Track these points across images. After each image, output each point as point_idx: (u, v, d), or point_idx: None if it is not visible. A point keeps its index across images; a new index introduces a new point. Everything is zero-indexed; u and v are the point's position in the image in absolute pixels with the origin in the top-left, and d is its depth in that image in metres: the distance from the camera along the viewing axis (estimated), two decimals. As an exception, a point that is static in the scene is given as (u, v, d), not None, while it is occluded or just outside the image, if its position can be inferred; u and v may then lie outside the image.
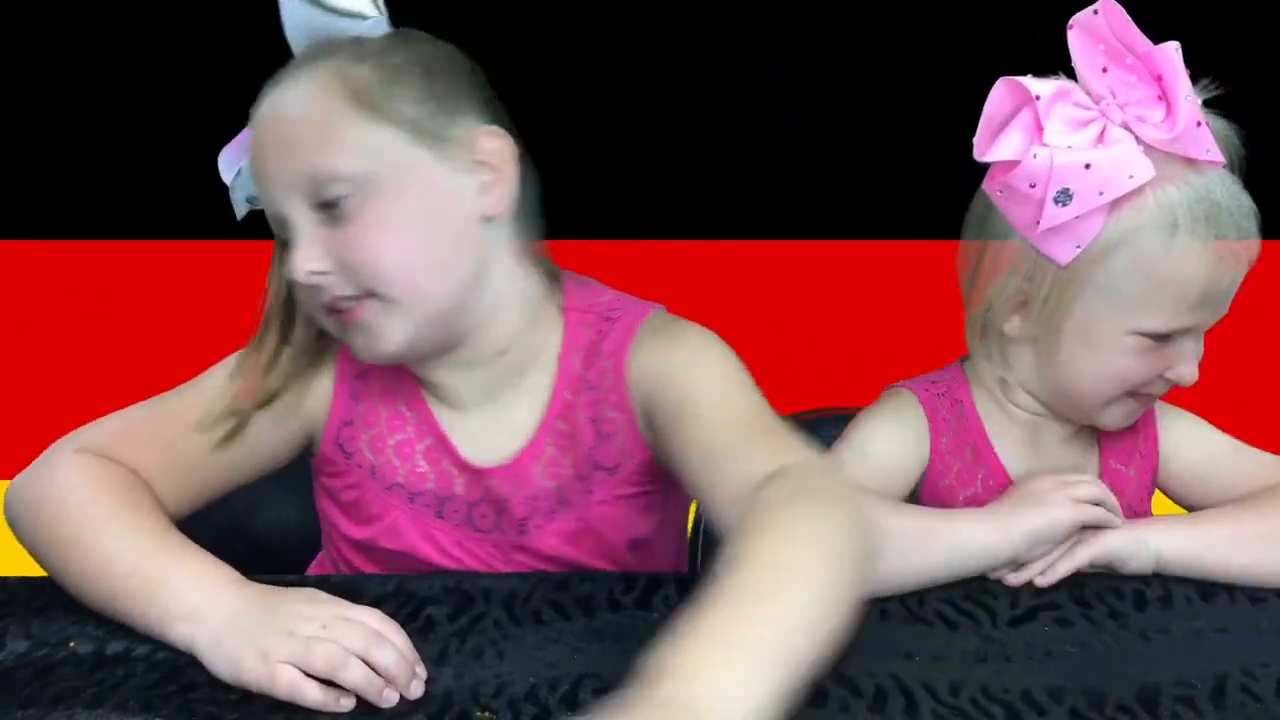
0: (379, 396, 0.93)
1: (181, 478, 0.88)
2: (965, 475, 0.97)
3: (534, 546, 0.92)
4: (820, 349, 1.79)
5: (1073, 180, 0.83)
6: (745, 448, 0.80)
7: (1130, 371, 0.90)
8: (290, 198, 0.84)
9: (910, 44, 1.75)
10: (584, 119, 1.84)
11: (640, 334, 0.90)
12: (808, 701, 0.72)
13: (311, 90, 0.84)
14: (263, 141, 0.85)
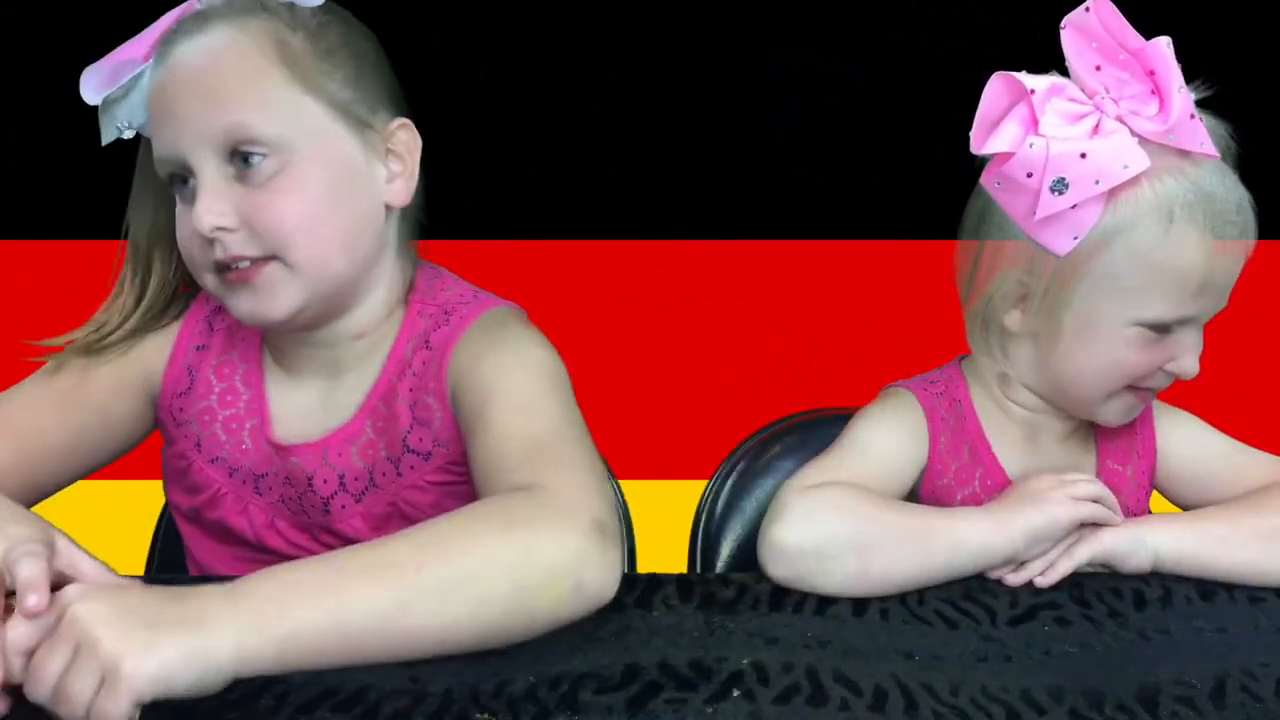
0: (215, 371, 0.95)
1: (24, 450, 0.88)
2: (963, 475, 0.97)
3: (339, 528, 0.93)
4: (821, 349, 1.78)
5: (1069, 169, 0.83)
6: (516, 464, 0.79)
7: (1131, 363, 0.90)
8: (201, 148, 0.83)
9: (910, 44, 1.75)
10: (584, 119, 1.84)
11: (470, 330, 0.91)
12: (808, 700, 0.72)
13: (243, 44, 0.84)
14: (179, 82, 0.84)
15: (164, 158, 0.85)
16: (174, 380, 0.95)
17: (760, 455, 1.19)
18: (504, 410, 0.83)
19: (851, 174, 0.91)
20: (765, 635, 0.79)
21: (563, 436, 0.82)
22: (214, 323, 0.96)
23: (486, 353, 0.88)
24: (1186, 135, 0.85)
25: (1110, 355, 0.90)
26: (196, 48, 0.84)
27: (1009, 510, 0.88)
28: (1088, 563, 0.88)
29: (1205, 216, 0.86)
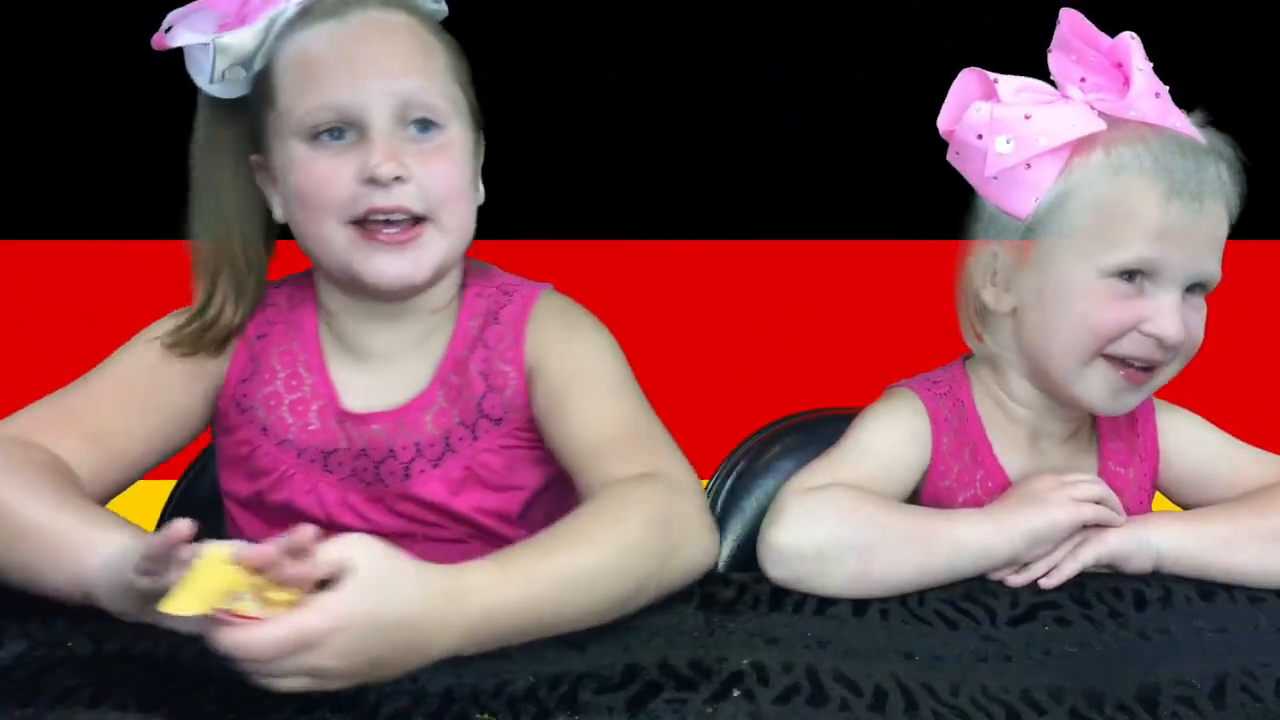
0: (279, 357, 0.98)
1: (103, 449, 0.90)
2: (965, 477, 0.97)
3: (418, 493, 0.96)
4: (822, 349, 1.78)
5: (1013, 129, 0.88)
6: (616, 450, 0.89)
7: (1102, 319, 0.90)
8: (382, 103, 0.89)
9: (912, 43, 1.75)
10: (590, 119, 1.84)
11: (539, 309, 0.98)
12: (808, 700, 0.72)
13: (418, 27, 0.93)
14: (365, 39, 0.90)
15: (331, 105, 0.89)
16: (240, 368, 0.97)
17: (760, 455, 1.19)
18: (598, 390, 0.93)
19: (854, 174, 0.91)
20: (765, 635, 0.79)
21: (648, 414, 0.93)
22: (270, 315, 0.99)
23: (569, 334, 0.97)
24: (1149, 110, 0.89)
25: (1079, 313, 0.91)
26: (379, 16, 0.91)
27: (1009, 512, 0.88)
28: (1093, 564, 0.88)
29: (1155, 169, 0.88)
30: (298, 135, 0.90)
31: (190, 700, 0.71)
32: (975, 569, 0.87)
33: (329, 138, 0.89)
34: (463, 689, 0.73)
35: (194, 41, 0.90)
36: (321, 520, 0.95)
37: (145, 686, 0.73)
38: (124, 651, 0.77)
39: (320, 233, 0.91)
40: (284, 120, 0.90)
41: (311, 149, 0.90)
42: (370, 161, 0.87)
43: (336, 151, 0.89)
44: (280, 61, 0.91)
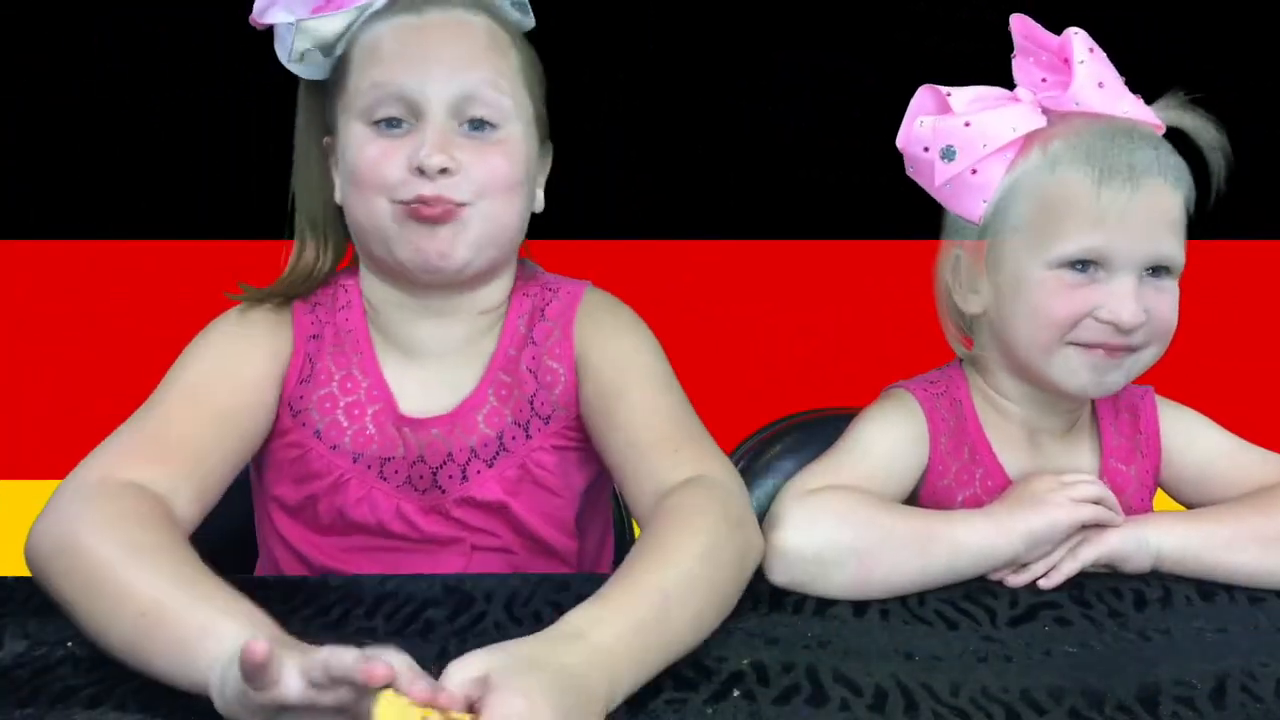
0: (333, 358, 0.97)
1: (197, 473, 0.87)
2: (963, 476, 0.97)
3: (475, 495, 0.95)
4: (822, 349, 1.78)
5: (954, 137, 0.92)
6: (667, 449, 0.89)
7: (1055, 309, 0.91)
8: (442, 96, 0.90)
9: (918, 44, 1.75)
10: (592, 119, 1.84)
11: (585, 305, 0.99)
12: (808, 700, 0.72)
13: (494, 28, 0.94)
14: (436, 32, 0.91)
15: (395, 95, 0.90)
16: (298, 368, 0.96)
17: (760, 455, 1.19)
18: (647, 387, 0.94)
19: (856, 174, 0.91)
20: (765, 635, 0.79)
21: (692, 412, 0.94)
22: (320, 315, 0.98)
23: (617, 331, 0.98)
24: (1093, 100, 0.91)
25: (1036, 304, 0.92)
26: (457, 14, 0.93)
27: (1008, 513, 0.88)
28: (1092, 564, 0.88)
29: (1087, 156, 0.90)
30: (359, 117, 0.91)
31: (190, 700, 0.71)
32: (975, 570, 0.88)
33: (387, 125, 0.91)
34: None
35: (281, 20, 0.92)
36: (372, 527, 0.95)
37: (145, 686, 0.72)
38: (124, 651, 0.77)
39: (369, 208, 0.91)
40: (349, 101, 0.92)
41: (371, 131, 0.91)
42: (421, 151, 0.88)
43: (393, 137, 0.90)
44: (356, 48, 0.93)
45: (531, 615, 0.82)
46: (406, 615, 0.82)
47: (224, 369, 0.93)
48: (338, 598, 0.84)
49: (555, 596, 0.84)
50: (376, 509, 0.95)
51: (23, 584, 0.85)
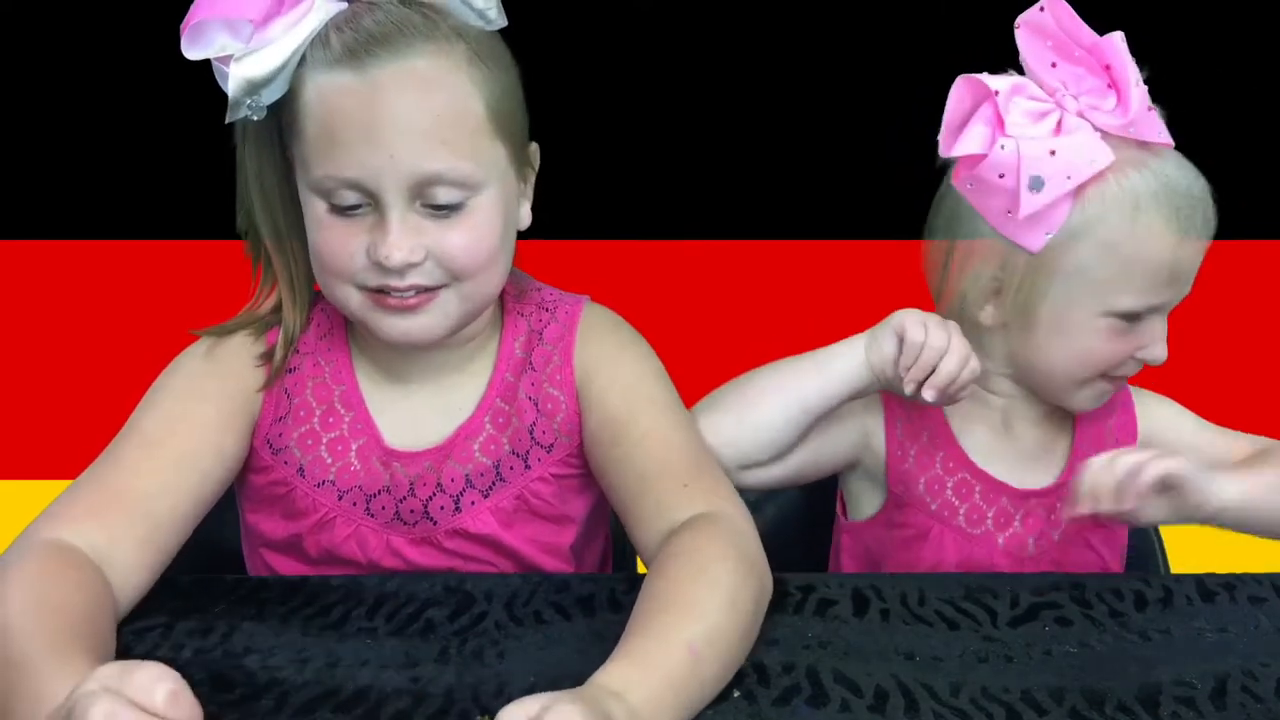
0: (313, 393, 0.93)
1: (150, 523, 0.83)
2: (924, 459, 0.99)
3: (468, 528, 0.92)
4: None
5: (1042, 167, 0.85)
6: (675, 484, 0.86)
7: (1102, 353, 0.91)
8: (399, 184, 0.81)
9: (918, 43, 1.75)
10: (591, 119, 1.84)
11: (585, 326, 0.95)
12: (808, 701, 0.72)
13: (456, 83, 0.82)
14: (388, 111, 0.80)
15: (344, 178, 0.82)
16: (273, 405, 0.92)
17: (759, 456, 1.19)
18: (653, 416, 0.90)
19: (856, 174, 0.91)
20: (765, 636, 0.79)
21: (699, 439, 0.92)
22: (299, 346, 0.93)
23: (620, 355, 0.94)
24: (1145, 127, 0.88)
25: (1083, 346, 0.92)
26: (407, 70, 0.80)
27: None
28: (1167, 474, 0.85)
29: (1170, 208, 0.88)
30: (315, 192, 0.84)
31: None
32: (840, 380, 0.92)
33: (345, 202, 0.83)
34: (463, 689, 0.73)
35: (209, 56, 0.81)
36: (362, 564, 0.93)
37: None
38: (124, 652, 0.77)
39: (335, 293, 0.87)
40: (305, 168, 0.84)
41: (328, 211, 0.84)
42: (381, 249, 0.82)
43: (352, 221, 0.83)
44: (304, 101, 0.82)
45: (532, 615, 0.82)
46: (407, 615, 0.81)
47: (183, 411, 0.88)
48: (338, 598, 0.84)
49: (555, 597, 0.84)
50: (366, 546, 0.93)
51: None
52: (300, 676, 0.74)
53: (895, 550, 1.01)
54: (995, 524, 0.99)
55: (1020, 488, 0.99)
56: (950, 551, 0.99)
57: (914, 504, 0.99)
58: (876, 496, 1.03)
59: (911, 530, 1.00)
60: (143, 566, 0.81)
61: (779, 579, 0.84)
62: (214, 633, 0.79)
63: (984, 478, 0.99)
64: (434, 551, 0.93)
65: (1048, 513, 0.99)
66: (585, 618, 0.81)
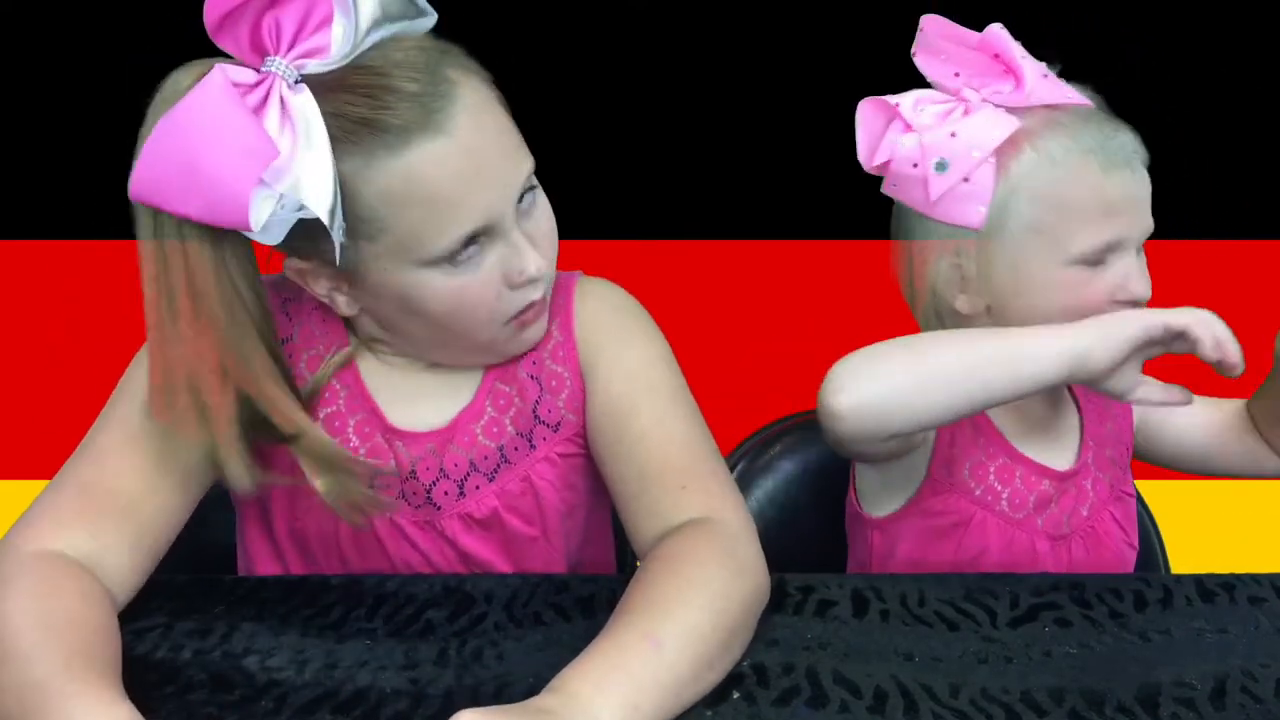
0: (308, 364, 0.90)
1: (139, 523, 0.81)
2: (965, 442, 0.99)
3: (472, 511, 0.91)
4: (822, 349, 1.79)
5: (944, 150, 0.91)
6: (673, 485, 0.85)
7: (1078, 303, 0.91)
8: (510, 202, 0.82)
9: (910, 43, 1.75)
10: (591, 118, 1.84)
11: (582, 298, 0.94)
12: (808, 702, 0.72)
13: (486, 87, 0.83)
14: (479, 147, 0.80)
15: (471, 232, 0.80)
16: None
17: (760, 455, 1.19)
18: (658, 404, 0.89)
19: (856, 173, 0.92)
20: (765, 636, 0.79)
21: (702, 430, 0.90)
22: (291, 312, 0.91)
23: (626, 336, 0.93)
24: (1046, 93, 0.92)
25: (1059, 302, 0.92)
26: (467, 107, 0.79)
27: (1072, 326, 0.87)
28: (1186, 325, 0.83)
29: (1084, 148, 0.90)
30: (432, 265, 0.81)
31: (190, 702, 0.71)
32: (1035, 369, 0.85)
33: (468, 253, 0.81)
34: (462, 690, 0.73)
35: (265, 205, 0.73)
36: (365, 546, 0.92)
37: (145, 688, 0.72)
38: (124, 652, 0.77)
39: (477, 339, 0.86)
40: (408, 251, 0.80)
41: (453, 271, 0.81)
42: (524, 267, 0.83)
43: (477, 263, 0.82)
44: (382, 192, 0.78)
45: (531, 616, 0.82)
46: (407, 616, 0.81)
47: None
48: (338, 598, 0.84)
49: (555, 597, 0.84)
50: (371, 525, 0.91)
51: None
52: (300, 677, 0.74)
53: (932, 541, 1.00)
54: (1036, 507, 0.99)
55: (1058, 469, 1.00)
56: (994, 538, 0.98)
57: (956, 489, 0.98)
58: (904, 489, 1.01)
59: (950, 518, 0.99)
60: (133, 570, 0.80)
61: (779, 579, 0.84)
62: (213, 633, 0.79)
63: (1025, 461, 0.99)
64: (435, 537, 0.92)
65: (1078, 491, 0.99)
66: (585, 619, 0.81)
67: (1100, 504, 1.01)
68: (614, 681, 0.67)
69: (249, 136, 0.72)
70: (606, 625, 0.73)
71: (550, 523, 0.94)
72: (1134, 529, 1.02)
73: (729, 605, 0.76)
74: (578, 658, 0.70)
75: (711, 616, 0.74)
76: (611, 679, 0.68)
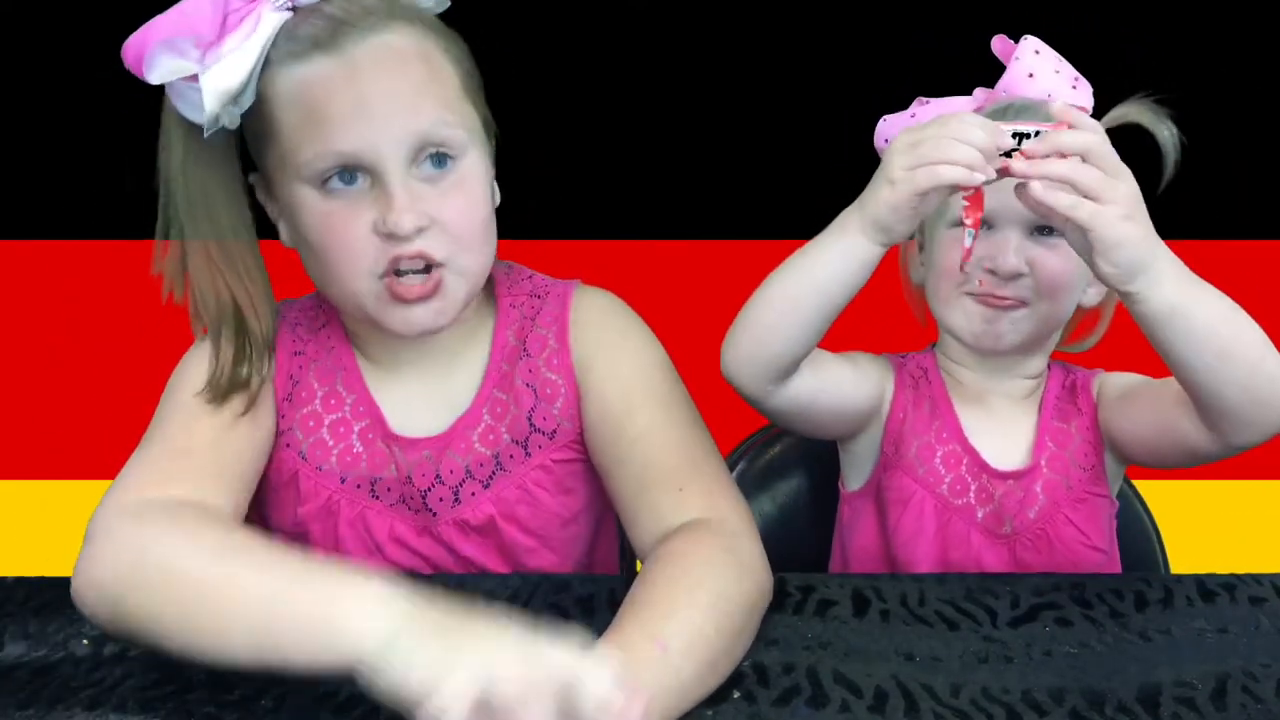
0: (316, 375, 0.93)
1: (224, 479, 0.84)
2: (919, 424, 1.02)
3: (468, 518, 0.92)
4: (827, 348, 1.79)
5: (900, 127, 0.94)
6: (672, 487, 0.86)
7: (954, 264, 0.96)
8: (395, 147, 0.82)
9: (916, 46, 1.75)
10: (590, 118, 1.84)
11: (579, 307, 0.95)
12: (808, 701, 0.72)
13: (427, 47, 0.85)
14: (370, 78, 0.82)
15: (343, 153, 0.82)
16: (282, 385, 0.92)
17: (760, 455, 1.19)
18: (654, 409, 0.90)
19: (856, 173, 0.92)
20: (765, 636, 0.79)
21: (701, 433, 0.91)
22: (300, 334, 0.94)
23: (622, 343, 0.93)
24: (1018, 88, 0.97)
25: (936, 261, 1.00)
26: (382, 42, 0.83)
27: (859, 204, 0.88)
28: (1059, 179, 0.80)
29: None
30: (307, 181, 0.84)
31: (189, 701, 0.71)
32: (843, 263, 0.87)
33: (340, 182, 0.83)
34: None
35: (176, 78, 0.81)
36: (365, 552, 0.92)
37: (145, 688, 0.73)
38: (124, 652, 0.77)
39: (347, 285, 0.85)
40: (287, 161, 0.84)
41: (323, 197, 0.84)
42: (390, 216, 0.82)
43: (351, 199, 0.83)
44: (277, 97, 0.83)
45: (531, 616, 0.81)
46: (406, 616, 0.81)
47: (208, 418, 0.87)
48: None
49: (555, 597, 0.84)
50: (371, 531, 0.92)
51: (22, 584, 0.86)
52: (299, 678, 0.74)
53: (879, 516, 1.04)
54: (977, 499, 1.01)
55: (1004, 469, 1.01)
56: (930, 519, 1.01)
57: (902, 466, 1.02)
58: (865, 466, 1.05)
59: (895, 494, 1.02)
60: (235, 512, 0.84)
61: (779, 579, 0.84)
62: (213, 633, 0.79)
63: (973, 453, 1.01)
64: (433, 541, 0.93)
65: (1025, 494, 1.00)
66: (585, 618, 0.81)
67: (1053, 507, 1.00)
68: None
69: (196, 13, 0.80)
70: (612, 625, 0.73)
71: (550, 530, 0.94)
72: (1099, 531, 1.01)
73: (732, 607, 0.76)
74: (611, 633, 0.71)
75: (715, 618, 0.74)
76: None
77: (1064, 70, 0.96)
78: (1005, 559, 1.00)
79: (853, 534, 1.06)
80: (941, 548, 1.01)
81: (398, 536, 0.92)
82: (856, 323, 0.93)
